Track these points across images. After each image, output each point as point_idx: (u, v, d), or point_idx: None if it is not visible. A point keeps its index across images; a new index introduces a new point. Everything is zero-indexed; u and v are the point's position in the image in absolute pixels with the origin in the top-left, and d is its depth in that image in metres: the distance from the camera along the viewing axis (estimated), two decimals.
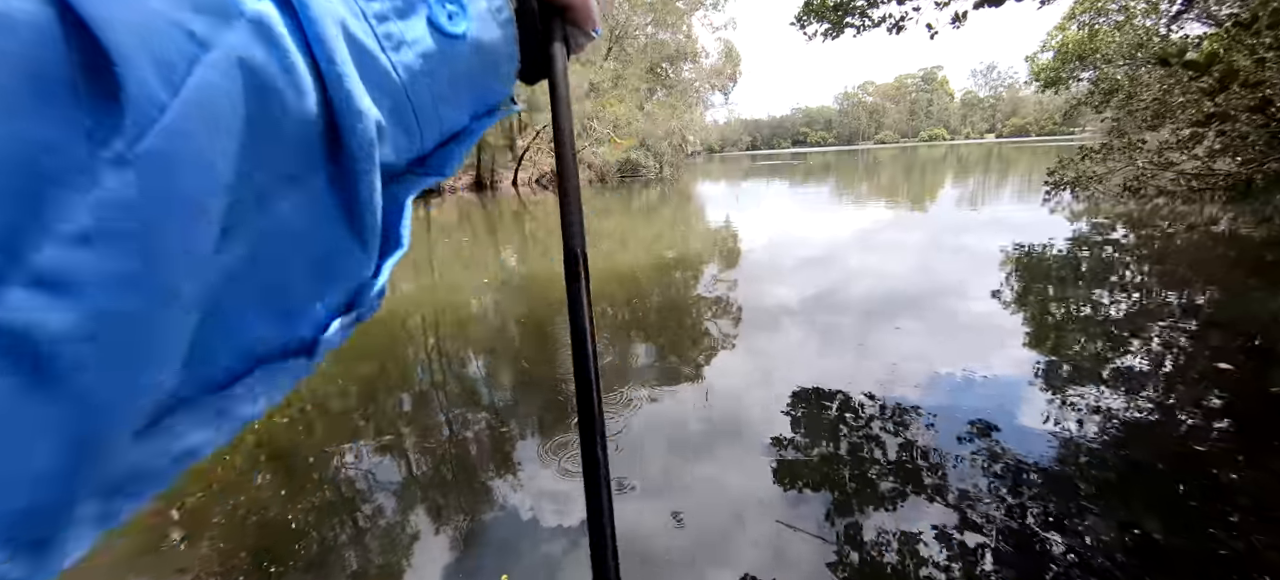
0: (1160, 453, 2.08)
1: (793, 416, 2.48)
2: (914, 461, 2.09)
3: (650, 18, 27.93)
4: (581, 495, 1.79)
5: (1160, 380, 2.68)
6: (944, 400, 2.55)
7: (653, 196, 15.95)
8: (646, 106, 24.70)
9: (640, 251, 6.90)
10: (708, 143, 71.98)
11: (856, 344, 3.30)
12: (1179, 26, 6.01)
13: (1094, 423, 2.29)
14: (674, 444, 2.31)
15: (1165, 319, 3.45)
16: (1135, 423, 2.30)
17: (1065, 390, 2.59)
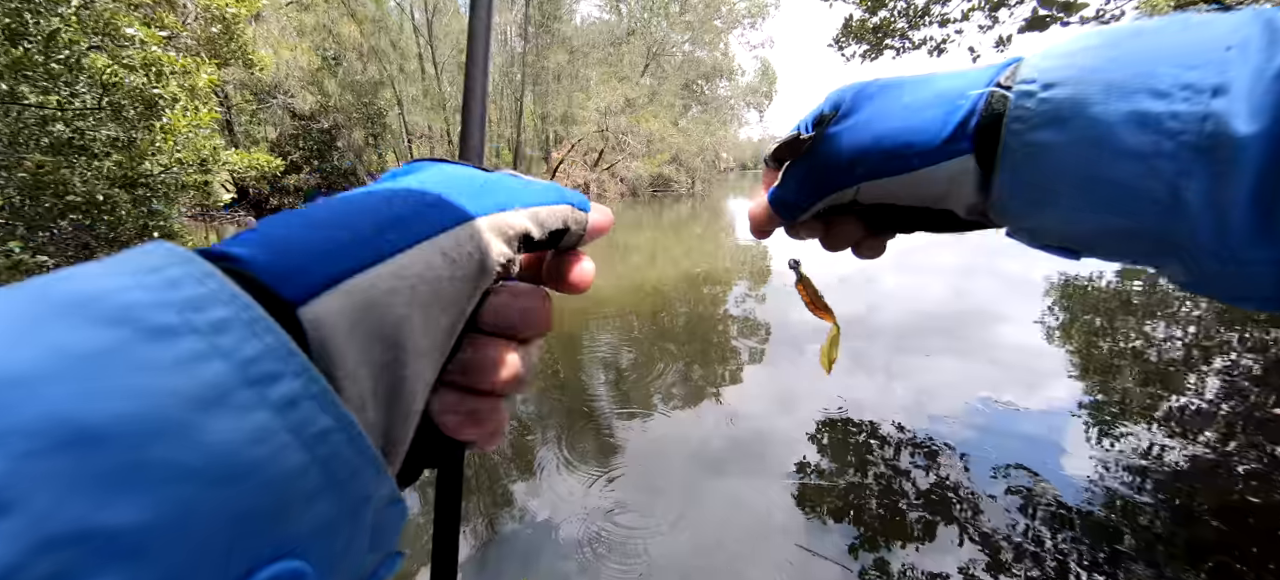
0: (1215, 503, 1.96)
1: (818, 441, 2.44)
2: (944, 496, 2.03)
3: (688, 36, 28.22)
4: (600, 502, 1.82)
5: (1218, 424, 2.52)
6: (978, 433, 2.47)
7: (683, 211, 15.99)
8: (681, 122, 24.87)
9: (669, 267, 6.93)
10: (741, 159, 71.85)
11: (886, 369, 3.22)
12: None
13: (1142, 467, 2.18)
14: (696, 461, 2.31)
15: (1225, 357, 3.25)
16: (1188, 469, 2.17)
17: (1112, 430, 2.47)
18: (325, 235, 0.18)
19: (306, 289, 0.16)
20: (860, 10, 5.78)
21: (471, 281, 0.20)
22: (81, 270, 0.14)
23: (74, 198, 4.20)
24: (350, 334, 0.16)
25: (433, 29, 20.60)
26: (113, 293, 0.13)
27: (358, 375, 0.16)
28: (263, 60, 9.36)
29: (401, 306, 0.18)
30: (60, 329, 0.11)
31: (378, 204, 0.20)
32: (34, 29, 3.79)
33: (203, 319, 0.13)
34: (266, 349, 0.14)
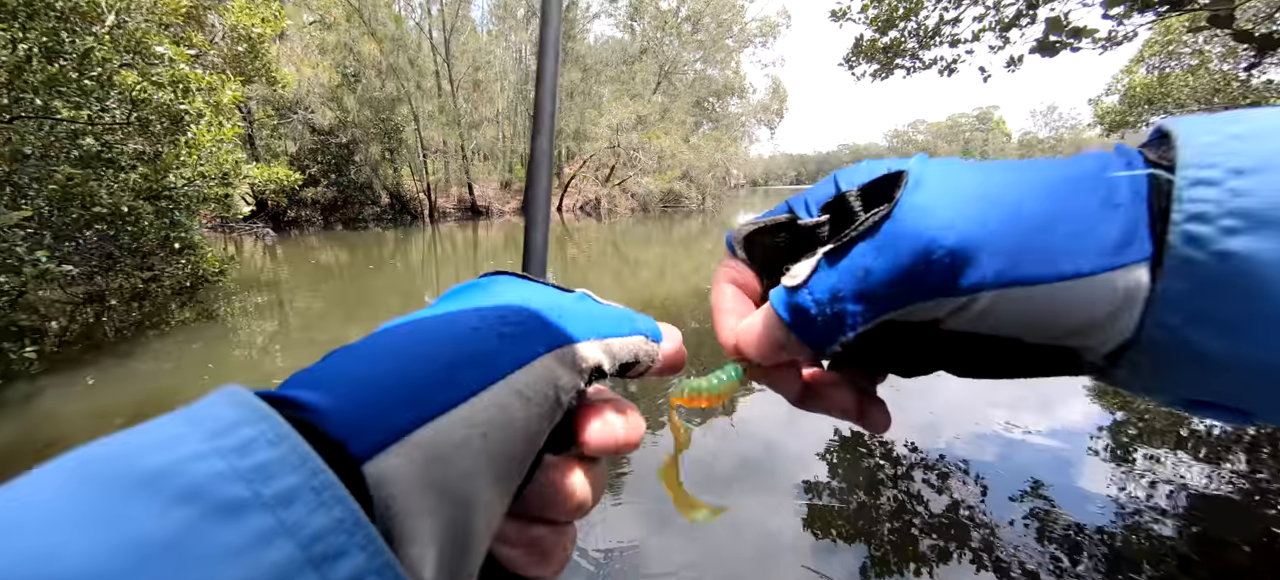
0: (1241, 532, 1.89)
1: (828, 460, 2.41)
2: (958, 519, 1.99)
3: (700, 54, 28.58)
4: (603, 521, 1.80)
5: (1244, 449, 2.45)
6: (993, 455, 2.42)
7: (694, 227, 16.04)
8: (692, 139, 25.08)
9: (678, 282, 6.94)
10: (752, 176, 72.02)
11: (895, 387, 3.18)
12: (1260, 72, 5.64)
13: (1165, 493, 2.12)
14: (701, 478, 2.29)
15: None
16: (1213, 497, 2.10)
17: (1132, 454, 2.41)
18: (397, 376, 0.17)
19: (373, 443, 0.15)
20: (870, 30, 5.82)
21: (545, 419, 0.19)
22: (160, 430, 0.14)
23: (100, 209, 4.33)
24: (418, 491, 0.16)
25: (449, 47, 21.09)
26: (185, 464, 0.13)
27: (421, 535, 0.16)
28: (285, 77, 9.64)
29: (472, 457, 0.17)
30: (132, 512, 0.12)
31: (456, 335, 0.19)
32: (69, 47, 3.95)
33: (272, 491, 0.13)
34: (334, 523, 0.13)
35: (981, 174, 0.21)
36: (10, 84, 3.79)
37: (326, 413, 0.16)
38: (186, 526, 0.12)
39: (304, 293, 7.18)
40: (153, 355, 4.23)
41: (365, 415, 0.16)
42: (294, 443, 0.14)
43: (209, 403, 0.15)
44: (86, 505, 0.12)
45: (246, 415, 0.14)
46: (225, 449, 0.13)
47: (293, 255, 11.10)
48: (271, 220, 15.83)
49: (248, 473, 0.13)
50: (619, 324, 0.23)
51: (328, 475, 0.14)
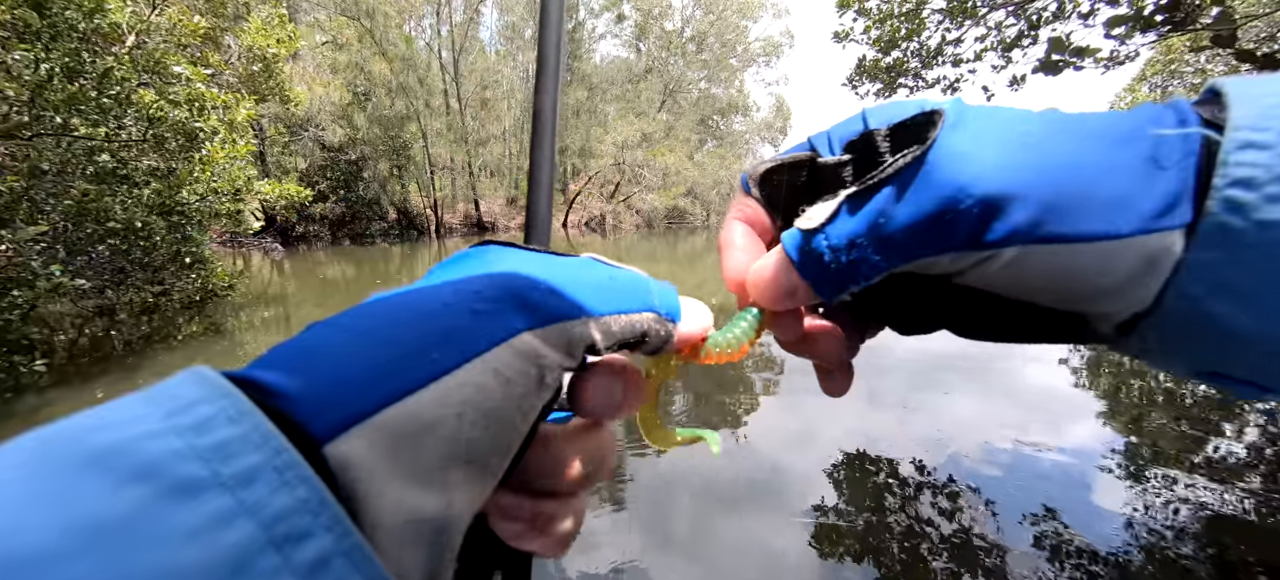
0: (1261, 554, 1.85)
1: (835, 480, 2.38)
2: (969, 542, 1.95)
3: (704, 74, 28.95)
4: (605, 540, 1.78)
5: (1259, 472, 2.40)
6: (1003, 476, 2.38)
7: (698, 243, 16.08)
8: (696, 156, 25.29)
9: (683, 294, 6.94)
10: None
11: (903, 406, 3.15)
12: None
13: (1180, 514, 2.07)
14: (705, 498, 2.26)
15: (1268, 400, 3.11)
16: (1228, 518, 2.06)
17: (1145, 475, 2.37)
18: (364, 354, 0.16)
19: (334, 424, 0.15)
20: (873, 51, 5.90)
21: (531, 397, 0.18)
22: (117, 410, 0.13)
23: (114, 224, 4.41)
24: (385, 474, 0.15)
25: (458, 67, 21.48)
26: (140, 441, 0.12)
27: (391, 517, 0.15)
28: (298, 96, 9.83)
29: (446, 439, 0.16)
30: (84, 490, 0.11)
31: (429, 311, 0.18)
32: (90, 67, 4.06)
33: (230, 470, 0.12)
34: (298, 502, 0.13)
35: (1025, 121, 0.20)
36: (31, 102, 3.89)
37: (288, 393, 0.15)
38: (140, 505, 0.11)
39: (310, 307, 7.23)
40: (160, 369, 4.26)
41: (328, 395, 0.15)
42: (256, 421, 0.13)
43: (171, 383, 0.15)
44: (36, 484, 0.11)
45: (207, 393, 0.14)
46: (182, 427, 0.13)
47: (300, 270, 11.20)
48: (280, 235, 16.02)
49: (206, 451, 0.13)
50: (626, 297, 0.21)
51: (291, 454, 0.13)
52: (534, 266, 0.20)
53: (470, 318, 0.18)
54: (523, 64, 25.07)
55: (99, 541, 0.11)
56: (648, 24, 27.51)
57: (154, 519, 0.11)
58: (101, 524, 0.11)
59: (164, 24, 5.55)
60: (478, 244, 0.22)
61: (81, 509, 0.11)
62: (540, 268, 0.20)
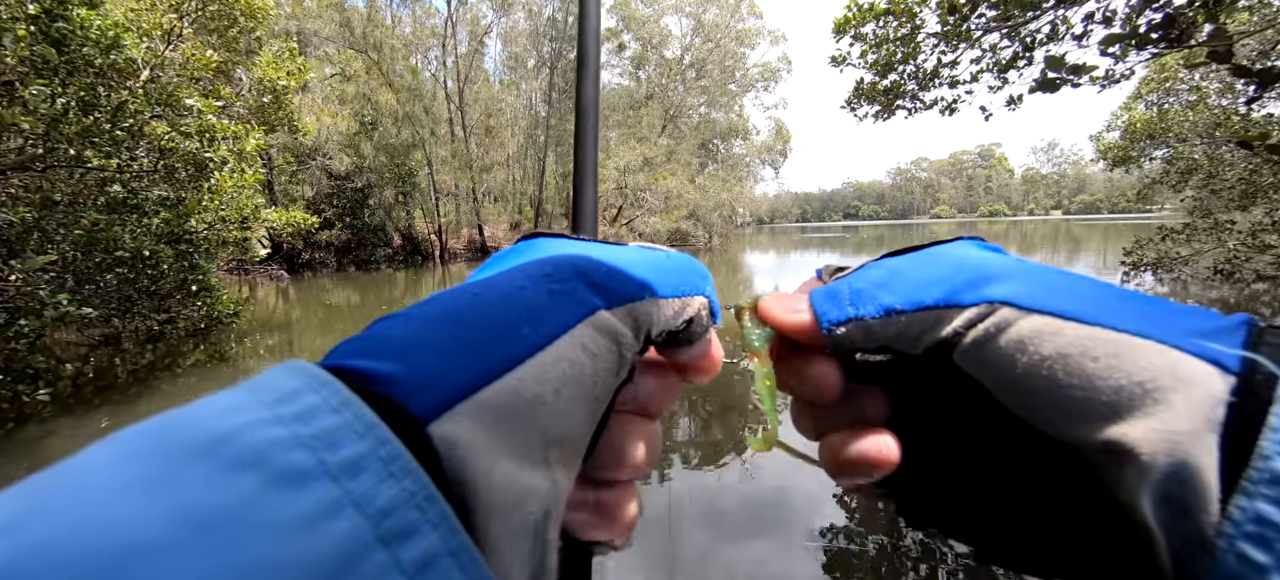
0: None
1: (846, 503, 2.33)
2: (989, 569, 1.90)
3: (704, 99, 29.44)
4: (609, 567, 1.74)
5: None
6: None
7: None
8: (698, 179, 25.53)
9: None
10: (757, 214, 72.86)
11: None
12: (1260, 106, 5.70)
13: None
14: (713, 524, 2.22)
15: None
16: None
17: None
18: (456, 335, 0.16)
19: (437, 403, 0.14)
20: (870, 74, 5.99)
21: (612, 375, 0.18)
22: (221, 400, 0.13)
23: (122, 252, 4.45)
24: (494, 451, 0.14)
25: (463, 96, 21.93)
26: (245, 430, 0.12)
27: (497, 504, 0.14)
28: (307, 126, 10.03)
29: (546, 416, 0.16)
30: (191, 481, 0.11)
31: (509, 293, 0.18)
32: (105, 100, 4.15)
33: (336, 459, 0.12)
34: (404, 495, 0.12)
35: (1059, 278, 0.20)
36: (46, 135, 3.97)
37: (388, 377, 0.14)
38: (246, 494, 0.11)
39: (315, 333, 7.23)
40: (164, 397, 4.25)
41: (429, 376, 0.15)
42: (358, 410, 0.13)
43: (271, 374, 0.14)
44: (140, 472, 0.11)
45: (307, 383, 0.14)
46: (287, 416, 0.13)
47: (305, 296, 11.25)
48: (286, 262, 16.15)
49: (311, 440, 0.12)
50: (682, 277, 0.21)
51: (395, 446, 0.13)
52: (595, 253, 0.21)
53: (549, 297, 0.18)
54: (526, 93, 25.59)
55: (204, 531, 0.10)
56: (646, 53, 28.12)
57: (260, 508, 0.11)
58: (206, 513, 0.11)
59: (177, 59, 5.71)
60: (525, 237, 0.22)
61: (185, 497, 0.11)
62: (600, 252, 0.21)
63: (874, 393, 0.24)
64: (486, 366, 0.15)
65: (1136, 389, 0.16)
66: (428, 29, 23.00)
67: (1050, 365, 0.17)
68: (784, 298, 0.24)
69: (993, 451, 0.22)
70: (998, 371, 0.19)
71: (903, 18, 5.33)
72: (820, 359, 0.23)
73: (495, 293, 0.18)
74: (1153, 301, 0.18)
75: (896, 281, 0.22)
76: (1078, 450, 0.18)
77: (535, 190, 23.21)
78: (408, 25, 23.07)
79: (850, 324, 0.21)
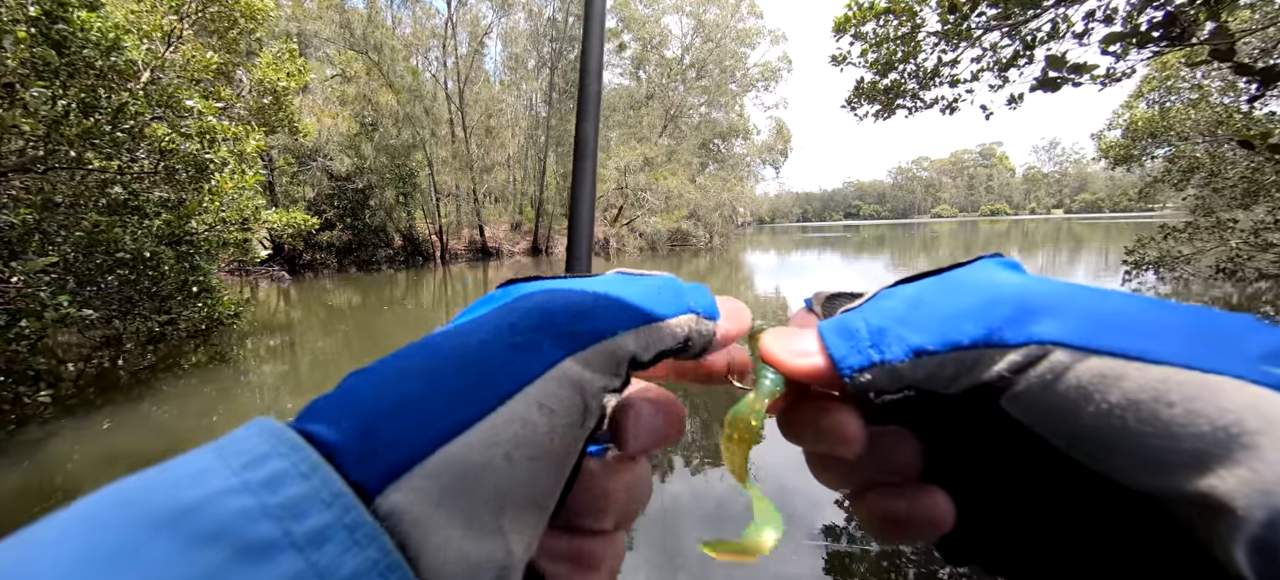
0: None
1: (845, 504, 2.32)
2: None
3: (704, 99, 29.45)
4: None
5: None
6: None
7: (702, 265, 16.11)
8: (698, 179, 25.55)
9: None
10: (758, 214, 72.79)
11: None
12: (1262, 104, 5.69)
13: None
14: (714, 524, 2.21)
15: None
16: None
17: None
18: (404, 401, 0.15)
19: (383, 473, 0.14)
20: (871, 73, 5.99)
21: (576, 428, 0.18)
22: (188, 464, 0.13)
23: (123, 254, 4.46)
24: (440, 522, 0.14)
25: (464, 96, 21.95)
26: (212, 500, 0.12)
27: (455, 572, 0.14)
28: (307, 128, 10.04)
29: (496, 480, 0.15)
30: (153, 557, 0.11)
31: (465, 352, 0.17)
32: (105, 102, 4.16)
33: (302, 530, 0.12)
34: (368, 564, 0.12)
35: None
36: (47, 137, 3.98)
37: (334, 445, 0.14)
38: (212, 570, 0.11)
39: (316, 334, 7.24)
40: (165, 398, 4.25)
41: (373, 445, 0.14)
42: (325, 475, 0.13)
43: (240, 435, 0.14)
44: (100, 546, 0.11)
45: (276, 447, 0.14)
46: (254, 483, 0.13)
47: (306, 297, 11.27)
48: (287, 263, 16.17)
49: (277, 510, 0.12)
50: (661, 303, 0.20)
51: (360, 513, 0.13)
52: (560, 295, 0.19)
53: (509, 352, 0.17)
54: (526, 93, 25.61)
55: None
56: (646, 53, 28.13)
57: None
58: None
59: (178, 60, 5.71)
60: (503, 285, 0.21)
61: (151, 575, 0.11)
62: (567, 296, 0.19)
63: (903, 435, 0.21)
64: (435, 431, 0.15)
65: (1222, 435, 0.14)
66: (428, 30, 23.02)
67: (1120, 413, 0.16)
68: (787, 335, 0.21)
69: (1040, 487, 0.19)
70: (1057, 421, 0.17)
71: (903, 16, 5.32)
72: (838, 408, 0.21)
73: (451, 350, 0.17)
74: (1210, 320, 0.17)
75: (921, 315, 0.19)
76: (1154, 498, 0.16)
77: (536, 190, 23.22)
78: (408, 26, 23.10)
79: (874, 369, 0.19)
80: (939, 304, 0.19)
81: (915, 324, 0.19)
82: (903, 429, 0.21)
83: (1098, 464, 0.16)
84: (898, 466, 0.21)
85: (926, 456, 0.21)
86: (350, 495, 0.13)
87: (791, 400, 0.22)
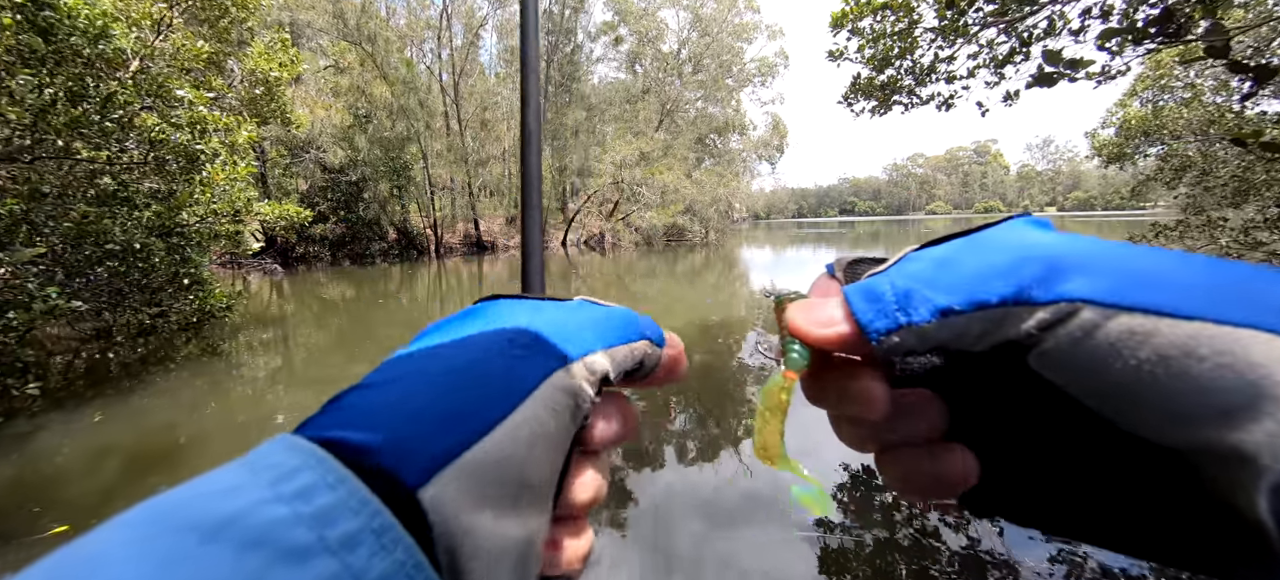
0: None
1: (839, 498, 2.34)
2: (978, 559, 1.91)
3: (701, 94, 29.36)
4: (607, 562, 1.74)
5: None
6: None
7: (697, 261, 16.11)
8: (694, 174, 25.49)
9: (683, 314, 6.92)
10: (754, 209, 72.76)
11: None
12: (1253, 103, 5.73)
13: None
14: (710, 517, 2.22)
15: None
16: None
17: None
18: (433, 404, 0.17)
19: (424, 470, 0.16)
20: (867, 69, 5.98)
21: (569, 429, 0.20)
22: (223, 479, 0.14)
23: (113, 246, 4.40)
24: (476, 508, 0.16)
25: (459, 89, 21.78)
26: (252, 510, 0.13)
27: (490, 551, 0.16)
28: (300, 119, 9.93)
29: (518, 472, 0.18)
30: (208, 560, 0.12)
31: (476, 362, 0.19)
32: (93, 91, 4.10)
33: (334, 535, 0.13)
34: (396, 566, 0.14)
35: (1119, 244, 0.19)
36: (34, 126, 3.91)
37: (375, 448, 0.16)
38: (257, 572, 0.12)
39: (309, 328, 7.20)
40: (156, 391, 4.21)
41: (413, 445, 0.16)
42: (353, 486, 0.14)
43: (267, 450, 0.15)
44: (162, 554, 0.12)
45: (305, 460, 0.15)
46: (287, 495, 0.14)
47: (299, 291, 11.19)
48: (280, 256, 16.04)
49: (310, 518, 0.13)
50: (624, 329, 0.24)
51: (387, 517, 0.14)
52: (543, 314, 0.23)
53: (513, 362, 0.20)
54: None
55: None
56: (642, 47, 27.99)
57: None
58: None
59: (168, 49, 5.63)
60: (479, 301, 0.24)
61: (211, 574, 0.12)
62: (549, 315, 0.23)
63: (927, 396, 0.22)
64: (467, 431, 0.17)
65: (1250, 388, 0.15)
66: (423, 21, 22.81)
67: (1151, 369, 0.16)
68: (811, 307, 0.22)
69: (1062, 441, 0.19)
70: (1087, 378, 0.17)
71: (900, 12, 5.31)
72: (863, 373, 0.21)
73: (466, 361, 0.19)
74: (1242, 275, 0.17)
75: (949, 275, 0.19)
76: (1190, 451, 0.16)
77: None
78: (402, 17, 22.88)
79: (901, 331, 0.19)
80: (967, 264, 0.20)
81: (942, 285, 0.19)
82: (927, 390, 0.22)
83: (1124, 419, 0.17)
84: (922, 426, 0.22)
85: (950, 416, 0.22)
86: (376, 502, 0.14)
87: (816, 368, 0.23)
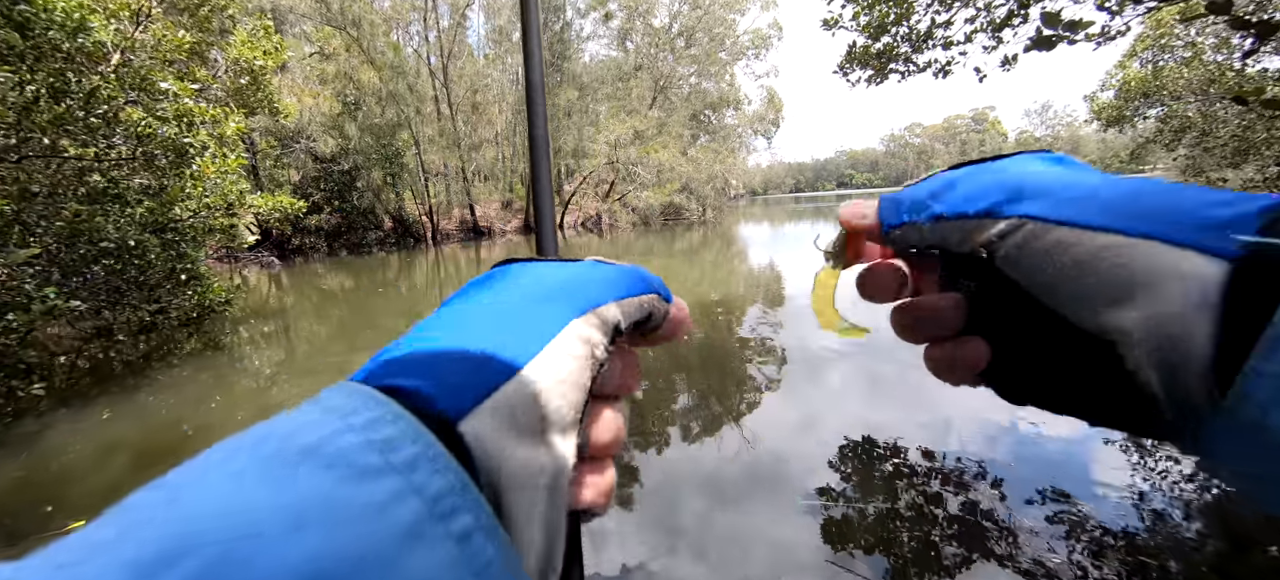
0: (1269, 532, 1.85)
1: (841, 469, 2.37)
2: (979, 525, 1.95)
3: (694, 69, 28.90)
4: (611, 536, 1.76)
5: None
6: (1010, 455, 2.38)
7: (695, 239, 16.06)
8: (690, 152, 25.25)
9: (682, 293, 6.93)
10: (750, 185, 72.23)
11: (910, 392, 3.15)
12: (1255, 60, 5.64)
13: (1190, 491, 2.07)
14: (713, 491, 2.26)
15: None
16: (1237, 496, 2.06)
17: (1154, 450, 2.37)
18: (469, 352, 0.20)
19: (464, 406, 0.18)
20: (863, 37, 5.87)
21: (589, 372, 0.23)
22: (303, 416, 0.17)
23: (107, 244, 4.37)
24: (510, 437, 0.19)
25: (448, 72, 21.40)
26: (331, 439, 0.16)
27: (524, 473, 0.19)
28: (288, 108, 9.78)
29: (544, 406, 0.20)
30: (302, 476, 0.14)
31: (505, 312, 0.22)
32: (76, 87, 4.02)
33: (398, 458, 0.16)
34: (449, 485, 0.16)
35: (1092, 175, 0.25)
36: (18, 124, 3.85)
37: (425, 392, 0.18)
38: (341, 485, 0.15)
39: (309, 319, 7.20)
40: (161, 387, 4.23)
41: (451, 387, 0.19)
42: (409, 421, 0.17)
43: (331, 394, 0.18)
44: (268, 471, 0.15)
45: (366, 401, 0.17)
46: (357, 426, 0.16)
47: (297, 282, 11.16)
48: (276, 248, 15.96)
49: (379, 444, 0.16)
50: (633, 283, 0.26)
51: (439, 446, 0.17)
52: (561, 272, 0.25)
53: (535, 313, 0.22)
54: (512, 67, 24.99)
55: (320, 513, 0.14)
56: (633, 22, 27.44)
57: (352, 496, 0.14)
58: (318, 500, 0.14)
59: (149, 41, 5.51)
60: (498, 264, 0.27)
61: (303, 488, 0.14)
62: (565, 272, 0.25)
63: (955, 300, 0.29)
64: (498, 372, 0.20)
65: (1128, 280, 0.20)
66: (408, 3, 22.28)
67: (1070, 269, 0.22)
68: (854, 205, 0.31)
69: (1038, 330, 0.25)
70: (1030, 275, 0.23)
71: None
72: (886, 263, 0.31)
73: (493, 314, 0.22)
74: (1175, 197, 0.21)
75: (949, 193, 0.27)
76: (1097, 333, 0.22)
77: (526, 167, 22.86)
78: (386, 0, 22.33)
79: (904, 227, 0.28)
80: (965, 185, 0.27)
81: (941, 198, 0.27)
82: (956, 295, 0.28)
83: (1064, 309, 0.23)
84: (950, 323, 0.28)
85: (969, 315, 0.28)
86: (429, 434, 0.17)
87: (853, 257, 0.33)
